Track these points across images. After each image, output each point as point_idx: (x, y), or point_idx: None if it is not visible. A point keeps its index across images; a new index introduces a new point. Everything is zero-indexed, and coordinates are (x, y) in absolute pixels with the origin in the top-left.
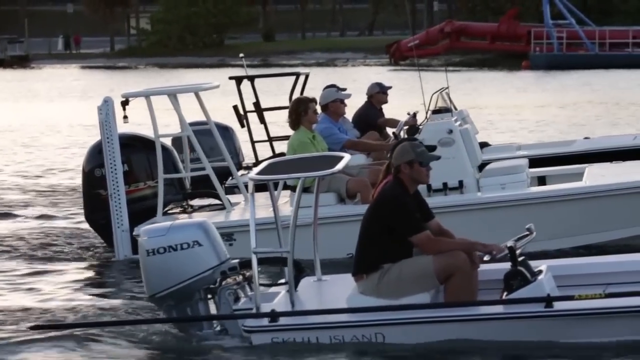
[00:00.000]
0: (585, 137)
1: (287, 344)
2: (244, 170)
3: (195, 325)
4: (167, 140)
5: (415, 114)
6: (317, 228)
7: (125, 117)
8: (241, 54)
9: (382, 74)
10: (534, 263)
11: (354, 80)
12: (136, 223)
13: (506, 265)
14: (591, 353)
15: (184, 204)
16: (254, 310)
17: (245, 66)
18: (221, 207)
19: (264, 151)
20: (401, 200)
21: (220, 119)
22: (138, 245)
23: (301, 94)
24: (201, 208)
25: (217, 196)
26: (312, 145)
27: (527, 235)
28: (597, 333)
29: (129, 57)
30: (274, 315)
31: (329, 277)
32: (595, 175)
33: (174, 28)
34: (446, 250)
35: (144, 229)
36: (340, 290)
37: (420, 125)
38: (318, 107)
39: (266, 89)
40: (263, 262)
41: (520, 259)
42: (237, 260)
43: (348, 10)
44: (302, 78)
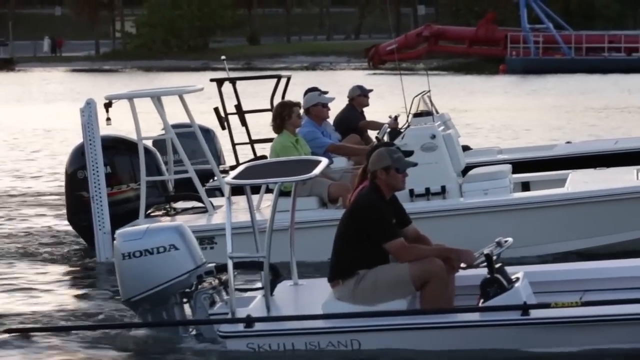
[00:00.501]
0: (567, 142)
1: (262, 350)
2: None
3: (170, 329)
4: (150, 143)
5: (396, 118)
6: (295, 232)
7: (108, 119)
8: (223, 57)
9: (364, 77)
10: (511, 269)
11: (336, 83)
12: (119, 225)
13: (483, 272)
14: None
15: (166, 206)
16: (230, 316)
17: (227, 68)
18: (204, 210)
19: (246, 154)
20: (376, 206)
21: (202, 121)
22: (114, 248)
23: (283, 97)
24: (184, 211)
25: (200, 199)
26: (295, 149)
27: (505, 242)
28: (574, 341)
29: (113, 60)
30: (249, 321)
31: (306, 282)
32: (578, 182)
33: (158, 31)
34: (419, 257)
35: (120, 232)
36: (316, 295)
37: (402, 129)
38: (302, 111)
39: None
40: (239, 267)
41: (497, 266)
42: (214, 264)
43: (336, 14)
44: (284, 81)
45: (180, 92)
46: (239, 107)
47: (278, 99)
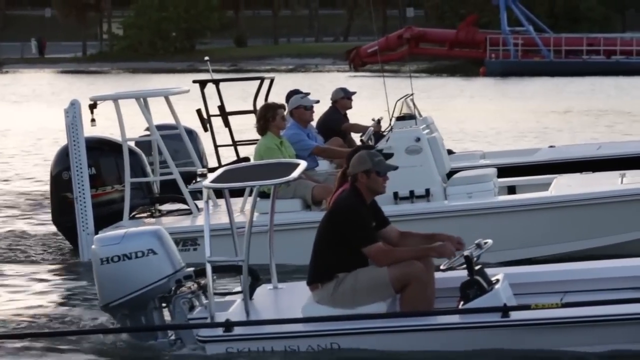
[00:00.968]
0: (550, 146)
1: (242, 354)
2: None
3: (149, 334)
4: (134, 144)
5: (379, 121)
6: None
7: (93, 121)
8: (206, 58)
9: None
10: (491, 271)
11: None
12: (103, 226)
13: (463, 274)
14: None
15: (151, 208)
16: (209, 320)
17: (210, 70)
18: (188, 212)
19: (229, 156)
20: (356, 210)
21: (184, 122)
22: (91, 253)
23: (266, 98)
24: (169, 213)
25: (184, 201)
26: (279, 151)
27: (485, 244)
28: (554, 343)
29: (99, 62)
30: (228, 325)
31: (285, 285)
32: (562, 186)
33: (144, 33)
34: (398, 261)
35: (98, 237)
36: (296, 298)
37: (384, 132)
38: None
39: (234, 94)
40: (218, 271)
41: (477, 268)
42: (192, 269)
43: (325, 16)
44: (267, 83)
45: (165, 94)
46: (222, 109)
47: (261, 101)
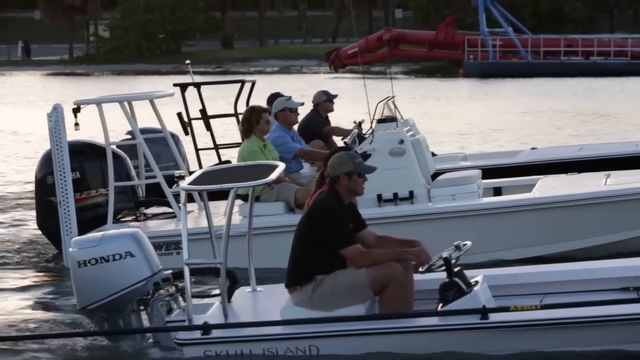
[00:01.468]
0: (532, 148)
1: (220, 357)
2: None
3: (127, 337)
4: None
5: (360, 123)
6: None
7: (76, 124)
8: (187, 61)
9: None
10: (470, 273)
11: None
12: (87, 230)
13: (442, 276)
14: None
15: (136, 211)
16: (187, 323)
17: (191, 73)
18: (173, 215)
19: (211, 159)
20: (334, 212)
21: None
22: (69, 256)
23: (247, 101)
24: (154, 216)
25: (168, 204)
26: (263, 154)
27: (464, 246)
28: (534, 344)
29: (85, 64)
30: (206, 328)
31: (264, 288)
32: (546, 187)
33: (130, 35)
34: (376, 262)
35: (75, 239)
36: (274, 301)
37: (365, 134)
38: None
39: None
40: (196, 273)
41: (456, 270)
42: (170, 271)
43: (314, 17)
44: (249, 86)
45: (149, 97)
46: (203, 112)
47: (242, 104)
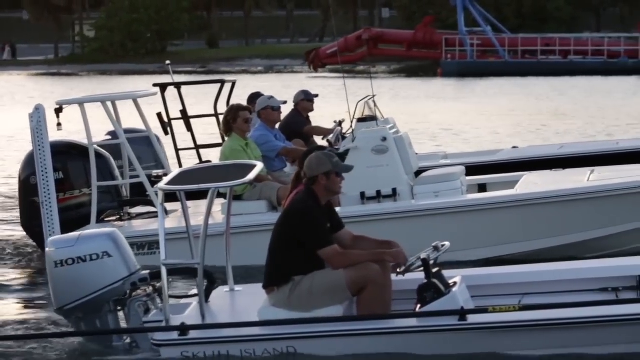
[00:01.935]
0: (514, 147)
1: (197, 358)
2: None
3: (104, 338)
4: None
5: (341, 123)
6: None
7: (59, 125)
8: (167, 61)
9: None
10: (449, 273)
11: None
12: (71, 230)
13: (421, 276)
14: None
15: (120, 211)
16: (164, 323)
17: (171, 73)
18: (156, 215)
19: (192, 159)
20: (311, 212)
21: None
22: (45, 256)
23: (228, 101)
24: (138, 215)
25: (152, 203)
26: (245, 153)
27: (442, 246)
28: (512, 346)
29: (70, 64)
30: (183, 329)
31: (242, 288)
32: (529, 183)
33: (115, 35)
34: (353, 263)
35: (52, 239)
36: (252, 301)
37: (346, 133)
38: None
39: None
40: (174, 273)
41: (434, 271)
42: (148, 271)
43: (302, 17)
44: (229, 85)
45: (132, 97)
46: (184, 112)
47: (222, 104)
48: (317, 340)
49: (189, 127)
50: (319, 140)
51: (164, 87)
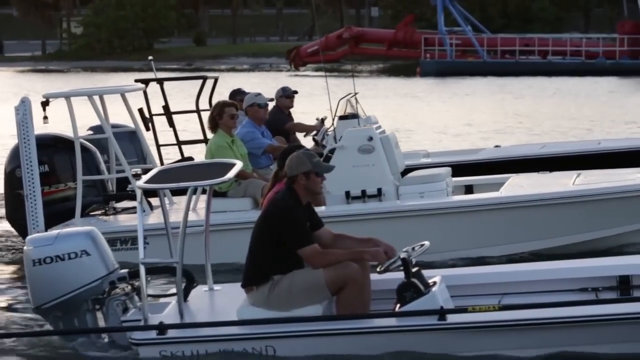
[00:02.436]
0: (496, 146)
1: (176, 357)
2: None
3: (82, 336)
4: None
5: (323, 120)
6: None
7: (45, 118)
8: (150, 57)
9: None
10: (429, 273)
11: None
12: (56, 224)
13: (401, 275)
14: None
15: (105, 206)
16: (142, 323)
17: (154, 69)
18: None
19: (174, 155)
20: (292, 211)
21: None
22: (23, 254)
23: (210, 98)
24: (123, 210)
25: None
26: (230, 150)
27: (421, 246)
28: (492, 346)
29: (57, 61)
30: (161, 328)
31: (221, 287)
32: (514, 186)
33: (102, 32)
34: (333, 262)
35: (30, 237)
36: (231, 300)
37: (328, 131)
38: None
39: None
40: (153, 272)
41: (414, 270)
42: (126, 270)
43: (293, 15)
44: (211, 82)
45: (119, 91)
46: (166, 108)
47: (204, 100)
48: (296, 339)
49: (171, 123)
50: (301, 137)
51: (146, 83)
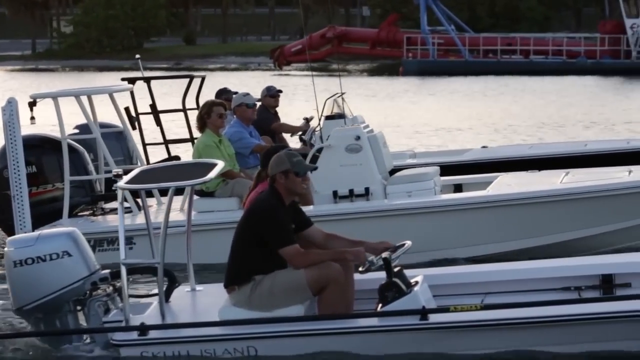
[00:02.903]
0: (483, 146)
1: (157, 358)
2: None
3: (63, 338)
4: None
5: (309, 120)
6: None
7: (32, 118)
8: (137, 55)
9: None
10: (410, 273)
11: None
12: (44, 224)
13: (383, 275)
14: None
15: (93, 206)
16: (124, 323)
17: (141, 67)
18: (129, 210)
19: (160, 154)
20: (273, 211)
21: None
22: (4, 255)
23: (197, 97)
24: (111, 211)
25: (125, 199)
26: (218, 149)
27: (403, 245)
28: (474, 345)
29: (46, 60)
30: (143, 329)
31: (203, 287)
32: (502, 185)
33: (92, 31)
34: (314, 263)
35: (10, 239)
36: (213, 301)
37: (315, 130)
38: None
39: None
40: (134, 273)
41: (395, 270)
42: (108, 271)
43: (285, 15)
44: (198, 81)
45: (107, 91)
46: (153, 107)
47: (191, 99)
48: (278, 340)
49: (158, 122)
50: (288, 138)
51: (133, 82)
